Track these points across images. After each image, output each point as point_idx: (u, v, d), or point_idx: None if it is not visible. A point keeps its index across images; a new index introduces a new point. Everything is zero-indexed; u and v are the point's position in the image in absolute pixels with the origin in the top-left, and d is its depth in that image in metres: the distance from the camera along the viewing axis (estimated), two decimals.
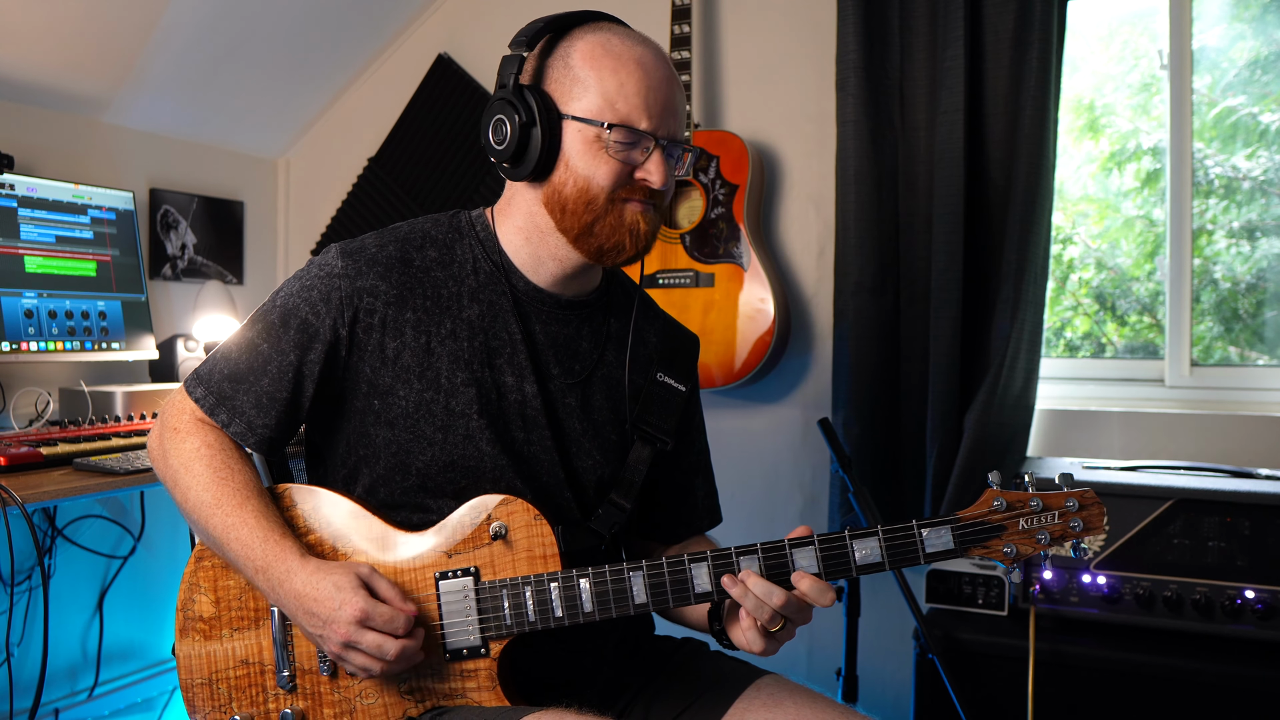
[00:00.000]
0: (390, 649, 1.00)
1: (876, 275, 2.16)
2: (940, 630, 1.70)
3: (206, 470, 1.09)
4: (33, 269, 2.02)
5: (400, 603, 1.03)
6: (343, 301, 1.10)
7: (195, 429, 1.12)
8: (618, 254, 1.11)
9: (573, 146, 1.08)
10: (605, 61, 1.07)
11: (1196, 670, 1.56)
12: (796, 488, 2.40)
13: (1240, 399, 2.11)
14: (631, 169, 1.08)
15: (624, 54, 1.08)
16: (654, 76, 1.08)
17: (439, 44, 2.73)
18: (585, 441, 1.17)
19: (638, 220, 1.10)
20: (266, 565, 1.04)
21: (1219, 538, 1.59)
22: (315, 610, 1.01)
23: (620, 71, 1.07)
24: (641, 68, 1.07)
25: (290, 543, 1.05)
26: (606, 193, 1.08)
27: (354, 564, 1.05)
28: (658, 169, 1.08)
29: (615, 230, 1.09)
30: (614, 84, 1.06)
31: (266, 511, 1.07)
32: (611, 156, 1.07)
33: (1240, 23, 2.18)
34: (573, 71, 1.08)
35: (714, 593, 1.04)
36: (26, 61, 2.12)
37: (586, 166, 1.08)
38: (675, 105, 1.10)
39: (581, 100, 1.07)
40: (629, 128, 1.06)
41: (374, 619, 1.00)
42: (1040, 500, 1.03)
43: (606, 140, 1.06)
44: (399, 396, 1.11)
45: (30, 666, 2.12)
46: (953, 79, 2.06)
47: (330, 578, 1.01)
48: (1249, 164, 2.18)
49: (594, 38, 1.09)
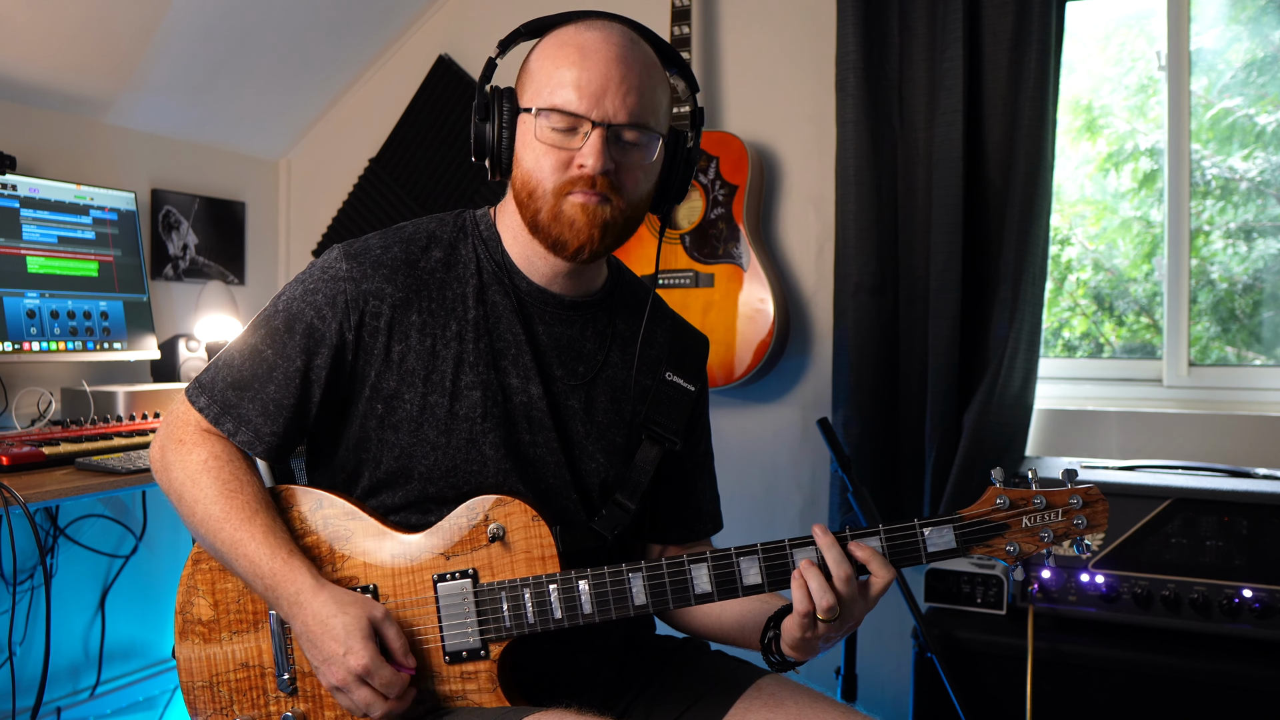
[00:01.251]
0: (377, 710, 1.00)
1: (876, 275, 2.17)
2: (939, 629, 1.71)
3: (214, 484, 1.07)
4: (35, 269, 2.03)
5: (403, 657, 1.02)
6: (349, 304, 1.09)
7: (200, 440, 1.10)
8: (562, 249, 1.08)
9: (522, 139, 1.08)
10: (549, 51, 1.07)
11: (1194, 669, 1.56)
12: (796, 487, 2.41)
13: (1237, 399, 2.11)
14: (571, 156, 1.05)
15: (569, 41, 1.06)
16: (592, 59, 1.04)
17: (439, 45, 2.74)
18: (589, 444, 1.16)
19: (576, 212, 1.06)
20: (275, 584, 1.03)
21: (1216, 537, 1.59)
22: (320, 645, 1.00)
23: (559, 55, 1.05)
24: (580, 51, 1.04)
25: (299, 561, 1.04)
26: (543, 183, 1.06)
27: (369, 605, 1.03)
28: (591, 152, 1.03)
29: (554, 222, 1.07)
30: (550, 68, 1.05)
31: (274, 527, 1.06)
32: (545, 144, 1.05)
33: (1237, 24, 2.19)
34: (528, 67, 1.09)
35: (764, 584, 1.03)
36: (29, 63, 2.12)
37: (528, 158, 1.07)
38: (620, 84, 1.04)
39: (528, 92, 1.08)
40: (559, 111, 1.03)
41: (374, 678, 0.99)
42: (1044, 498, 1.02)
43: (539, 127, 1.05)
44: (404, 400, 1.10)
45: (32, 665, 2.13)
46: (951, 80, 2.07)
47: (342, 617, 1.00)
48: (1245, 165, 2.19)
49: (559, 32, 1.08)
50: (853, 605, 1.01)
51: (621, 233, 1.10)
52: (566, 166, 1.05)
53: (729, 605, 1.17)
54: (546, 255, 1.12)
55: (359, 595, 1.05)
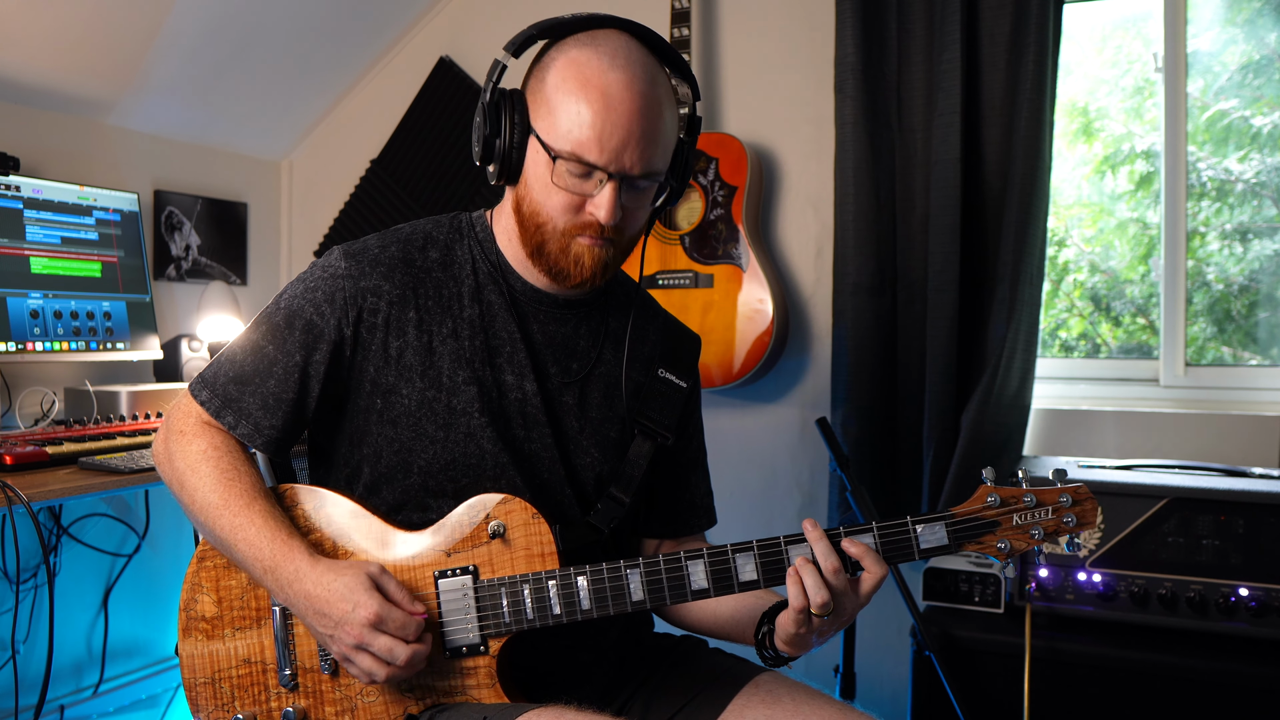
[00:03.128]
0: (401, 654, 0.99)
1: (874, 276, 2.18)
2: (937, 627, 1.71)
3: (213, 472, 1.09)
4: (38, 270, 2.04)
5: (410, 605, 1.03)
6: (347, 302, 1.11)
7: (201, 431, 1.12)
8: (564, 280, 1.11)
9: (531, 166, 1.08)
10: (570, 85, 1.04)
11: (1191, 667, 1.56)
12: (795, 486, 2.42)
13: (1234, 399, 2.12)
14: (583, 200, 1.06)
15: (591, 80, 1.03)
16: (617, 110, 1.03)
17: (441, 47, 2.75)
18: (583, 439, 1.18)
19: (583, 254, 1.08)
20: (275, 565, 1.04)
21: (1213, 536, 1.60)
22: (327, 611, 1.00)
23: (582, 100, 1.03)
24: (605, 99, 1.03)
25: (298, 542, 1.05)
26: (553, 221, 1.08)
27: (363, 563, 1.04)
28: (605, 204, 1.05)
29: (560, 257, 1.09)
30: (573, 112, 1.03)
31: (273, 511, 1.07)
32: (559, 187, 1.06)
33: (1233, 27, 2.20)
34: (544, 88, 1.06)
35: (760, 580, 1.04)
36: (33, 65, 2.14)
37: (539, 191, 1.07)
38: (640, 139, 1.04)
39: (544, 121, 1.06)
40: (579, 160, 1.04)
41: (387, 623, 0.99)
42: (1034, 496, 1.04)
43: (555, 170, 1.05)
44: (401, 395, 1.11)
45: (36, 663, 2.14)
46: (949, 82, 2.08)
47: (342, 579, 1.01)
48: (1241, 167, 2.20)
49: (575, 54, 1.05)
50: (844, 599, 1.02)
51: (619, 265, 1.14)
52: (578, 210, 1.07)
53: (724, 601, 1.18)
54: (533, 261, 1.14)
55: (353, 560, 1.07)
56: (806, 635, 1.04)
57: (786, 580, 1.03)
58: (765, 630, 1.10)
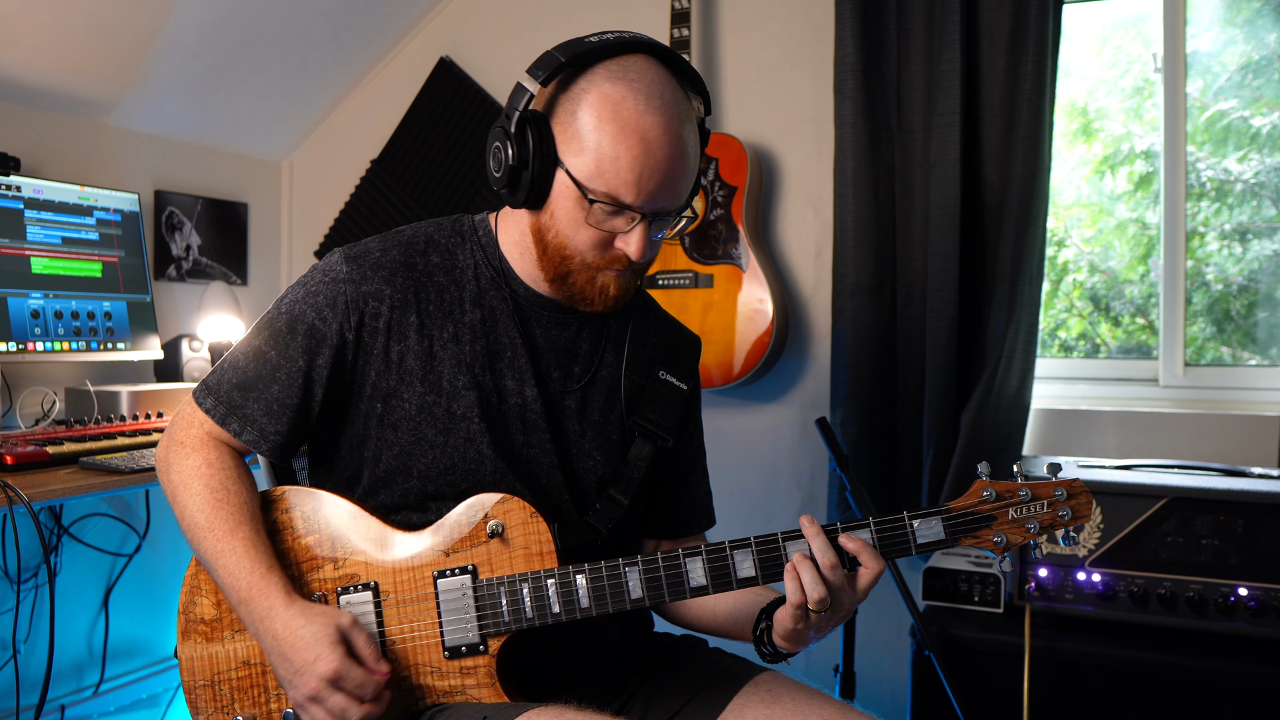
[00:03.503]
0: (354, 714, 0.99)
1: (874, 276, 2.18)
2: (937, 627, 1.71)
3: (204, 491, 1.08)
4: (39, 270, 2.04)
5: (374, 663, 1.02)
6: (349, 306, 1.11)
7: (200, 445, 1.12)
8: (587, 305, 1.12)
9: (559, 199, 1.06)
10: (609, 127, 1.02)
11: (1190, 667, 1.57)
12: (795, 486, 2.42)
13: (1233, 399, 2.13)
14: (612, 237, 1.07)
15: (630, 123, 1.01)
16: (655, 156, 1.02)
17: (441, 47, 2.76)
18: (585, 443, 1.18)
19: (609, 284, 1.10)
20: (249, 598, 1.04)
21: (1212, 536, 1.60)
22: (290, 656, 1.00)
23: (620, 143, 1.01)
24: (644, 144, 1.02)
25: (276, 577, 1.04)
26: (582, 255, 1.08)
27: (337, 613, 1.03)
28: (637, 243, 1.06)
29: (586, 287, 1.10)
30: (610, 154, 1.02)
31: (256, 540, 1.06)
32: (591, 225, 1.06)
33: (1232, 27, 2.21)
34: (577, 122, 1.04)
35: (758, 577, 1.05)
36: (33, 65, 2.14)
37: (568, 226, 1.07)
38: (675, 181, 1.05)
39: (578, 158, 1.04)
40: (616, 202, 1.03)
41: (345, 680, 0.99)
42: (1029, 490, 1.04)
43: (589, 209, 1.04)
44: (402, 399, 1.11)
45: (36, 663, 2.14)
46: (949, 82, 2.08)
47: (310, 627, 1.00)
48: (1240, 167, 2.20)
49: (610, 90, 1.02)
50: (841, 595, 1.03)
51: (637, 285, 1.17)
52: (607, 246, 1.07)
53: (723, 597, 1.18)
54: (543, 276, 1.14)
55: (327, 607, 1.05)
56: (804, 631, 1.04)
57: (784, 576, 1.03)
58: (764, 626, 1.11)
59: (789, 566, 1.03)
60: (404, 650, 1.09)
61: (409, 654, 1.09)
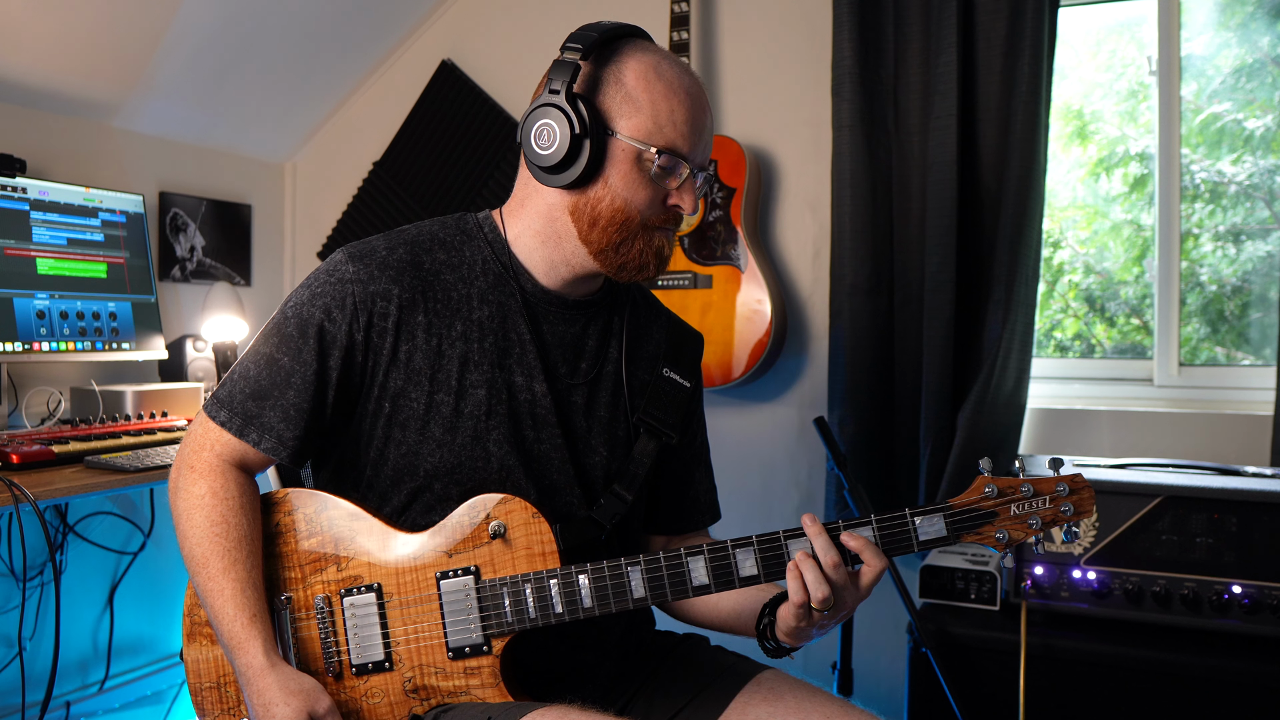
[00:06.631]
0: None
1: (871, 277, 2.20)
2: (933, 625, 1.72)
3: (205, 522, 1.07)
4: (45, 271, 2.05)
5: None
6: (357, 306, 1.10)
7: (208, 471, 1.10)
8: (639, 272, 1.13)
9: (616, 165, 1.09)
10: (659, 86, 1.09)
11: (1184, 664, 1.57)
12: (793, 485, 2.43)
13: (1227, 398, 2.14)
14: (666, 194, 1.11)
15: (675, 82, 1.10)
16: (699, 109, 1.11)
17: (443, 50, 2.77)
18: (592, 439, 1.18)
19: (664, 244, 1.14)
20: (233, 646, 1.05)
21: (1206, 534, 1.61)
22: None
23: (672, 99, 1.09)
24: (690, 97, 1.10)
25: (258, 629, 1.05)
26: (642, 215, 1.10)
27: (314, 697, 1.04)
28: (690, 196, 1.11)
29: (643, 252, 1.12)
30: (665, 110, 1.08)
31: (247, 582, 1.06)
32: (652, 181, 1.09)
33: (1226, 31, 2.22)
34: (625, 89, 1.09)
35: (760, 575, 1.05)
36: (39, 68, 2.15)
37: (626, 188, 1.09)
38: (711, 135, 1.14)
39: (632, 119, 1.08)
40: (673, 153, 1.09)
41: None
42: (1031, 485, 1.04)
43: (651, 164, 1.08)
44: (410, 399, 1.11)
45: (42, 660, 2.15)
46: (946, 85, 2.09)
47: (285, 709, 1.01)
48: (1234, 169, 2.21)
49: (646, 58, 1.10)
50: (844, 593, 1.03)
51: None
52: (663, 203, 1.12)
53: (725, 594, 1.19)
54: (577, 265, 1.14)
55: (306, 683, 1.05)
56: (807, 628, 1.05)
57: (787, 575, 1.03)
58: (766, 622, 1.11)
59: (791, 565, 1.03)
60: (408, 651, 1.09)
61: (413, 655, 1.09)
